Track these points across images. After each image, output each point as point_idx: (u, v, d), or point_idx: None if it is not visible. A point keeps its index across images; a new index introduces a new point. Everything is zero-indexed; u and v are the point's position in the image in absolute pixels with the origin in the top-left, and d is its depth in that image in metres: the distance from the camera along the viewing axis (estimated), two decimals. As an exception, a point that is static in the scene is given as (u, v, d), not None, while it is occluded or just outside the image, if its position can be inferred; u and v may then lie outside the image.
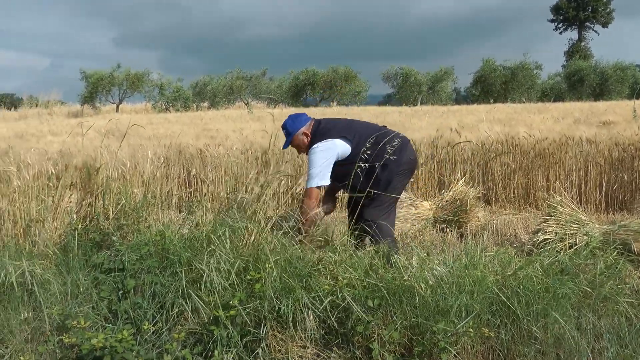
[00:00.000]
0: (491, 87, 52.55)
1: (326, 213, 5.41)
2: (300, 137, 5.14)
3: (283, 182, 5.71)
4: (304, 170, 8.24)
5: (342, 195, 7.64)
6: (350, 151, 4.97)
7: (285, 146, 5.34)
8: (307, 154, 5.17)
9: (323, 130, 5.10)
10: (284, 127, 5.23)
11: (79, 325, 3.66)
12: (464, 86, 60.45)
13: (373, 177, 4.88)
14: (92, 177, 5.31)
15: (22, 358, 3.87)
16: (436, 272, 3.88)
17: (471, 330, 3.49)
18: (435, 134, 8.80)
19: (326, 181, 4.91)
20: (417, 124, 12.72)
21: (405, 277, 3.79)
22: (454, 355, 3.48)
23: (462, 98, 58.60)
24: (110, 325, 3.90)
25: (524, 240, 6.40)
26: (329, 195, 5.45)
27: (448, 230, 6.73)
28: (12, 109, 46.99)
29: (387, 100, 58.07)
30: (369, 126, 5.29)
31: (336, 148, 4.96)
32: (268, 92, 51.97)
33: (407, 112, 24.12)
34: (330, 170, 4.92)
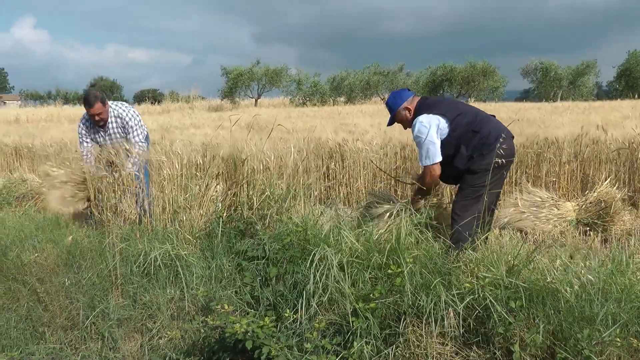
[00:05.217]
0: (637, 81, 49.96)
1: None
2: (402, 113, 5.17)
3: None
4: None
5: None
6: (447, 131, 4.93)
7: (389, 124, 5.43)
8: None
9: (426, 106, 5.07)
10: (386, 104, 5.31)
11: (223, 309, 3.80)
12: (606, 80, 57.91)
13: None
14: (238, 168, 5.49)
15: (168, 332, 4.10)
16: (581, 277, 3.74)
17: (618, 340, 3.30)
18: (580, 130, 8.43)
19: (439, 157, 4.90)
20: (557, 120, 12.26)
21: (549, 280, 3.68)
22: (599, 365, 3.33)
23: (603, 93, 56.23)
24: (252, 310, 4.03)
25: (675, 248, 6.03)
26: None
27: (591, 233, 6.47)
28: (155, 103, 49.31)
29: (525, 96, 56.60)
30: (476, 112, 5.13)
31: (433, 123, 4.92)
32: (405, 87, 51.96)
33: (547, 109, 23.42)
34: (439, 144, 4.91)
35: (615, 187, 7.02)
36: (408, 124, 5.19)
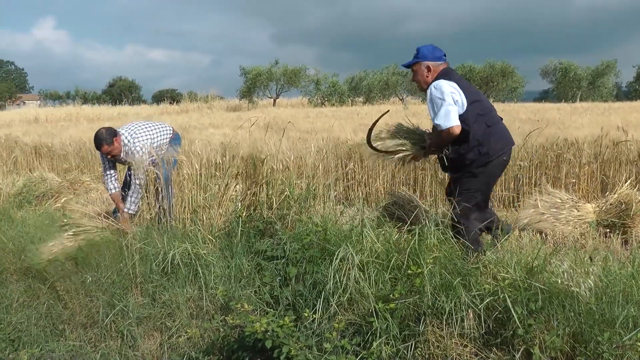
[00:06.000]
0: (657, 81, 49.73)
1: None
2: (423, 68, 4.99)
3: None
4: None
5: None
6: (463, 110, 4.77)
7: (405, 64, 5.16)
8: (425, 88, 4.99)
9: (452, 77, 4.90)
10: (418, 49, 5.05)
11: (242, 309, 3.81)
12: (625, 81, 57.51)
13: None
14: (257, 168, 5.49)
15: (188, 331, 4.11)
16: (600, 279, 3.70)
17: (639, 344, 3.26)
18: (600, 132, 8.36)
19: (456, 121, 4.68)
20: (577, 121, 12.15)
21: (568, 282, 3.65)
22: (619, 369, 3.28)
23: (622, 94, 55.87)
24: (271, 310, 4.03)
25: (696, 250, 5.96)
26: None
27: (611, 235, 6.41)
28: (174, 103, 49.51)
29: (544, 96, 56.24)
30: (491, 108, 5.04)
31: (456, 91, 4.75)
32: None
33: (566, 109, 23.26)
34: (456, 109, 4.72)
35: (635, 189, 6.96)
36: (420, 79, 5.04)
